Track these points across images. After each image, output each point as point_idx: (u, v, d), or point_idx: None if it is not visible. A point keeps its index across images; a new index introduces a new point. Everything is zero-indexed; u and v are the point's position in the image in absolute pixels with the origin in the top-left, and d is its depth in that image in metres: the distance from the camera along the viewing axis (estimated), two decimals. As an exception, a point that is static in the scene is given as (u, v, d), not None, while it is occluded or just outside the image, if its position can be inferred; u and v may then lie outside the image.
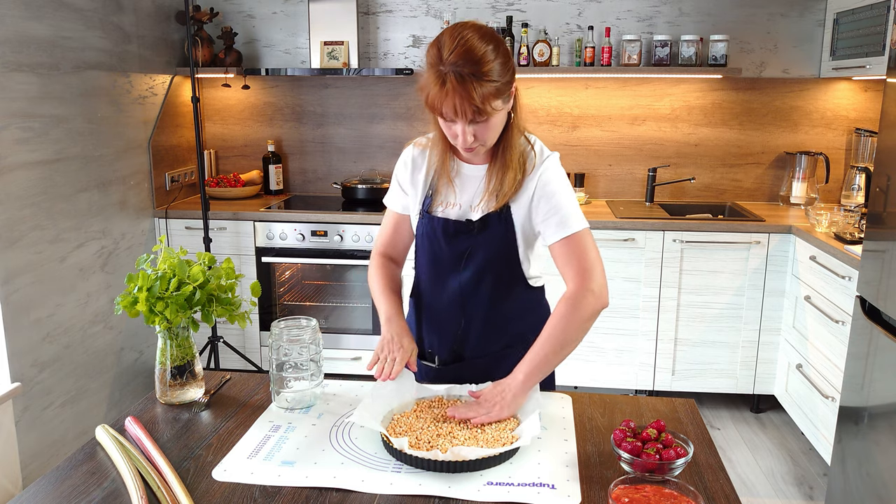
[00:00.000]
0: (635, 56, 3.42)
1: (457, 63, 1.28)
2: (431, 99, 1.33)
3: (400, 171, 1.60)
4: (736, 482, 2.73)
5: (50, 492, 1.15)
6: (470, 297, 1.55)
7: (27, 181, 2.54)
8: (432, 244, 1.55)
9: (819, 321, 2.77)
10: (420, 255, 1.60)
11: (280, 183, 3.84)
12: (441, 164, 1.51)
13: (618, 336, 3.27)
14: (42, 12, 2.60)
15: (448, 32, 1.34)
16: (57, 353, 2.72)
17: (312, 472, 1.20)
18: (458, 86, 1.28)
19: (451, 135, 1.40)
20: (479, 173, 1.51)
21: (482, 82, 1.29)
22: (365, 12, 3.67)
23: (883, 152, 2.19)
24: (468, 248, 1.51)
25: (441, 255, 1.54)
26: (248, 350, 3.51)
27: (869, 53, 2.91)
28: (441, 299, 1.59)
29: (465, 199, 1.51)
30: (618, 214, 3.27)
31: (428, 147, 1.55)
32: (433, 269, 1.58)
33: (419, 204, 1.56)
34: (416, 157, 1.57)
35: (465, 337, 1.58)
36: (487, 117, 1.34)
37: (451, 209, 1.52)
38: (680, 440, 1.20)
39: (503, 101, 1.36)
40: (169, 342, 1.44)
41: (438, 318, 1.61)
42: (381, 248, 1.65)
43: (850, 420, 2.27)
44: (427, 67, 1.34)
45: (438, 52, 1.31)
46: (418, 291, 1.64)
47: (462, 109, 1.31)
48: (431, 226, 1.53)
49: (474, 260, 1.52)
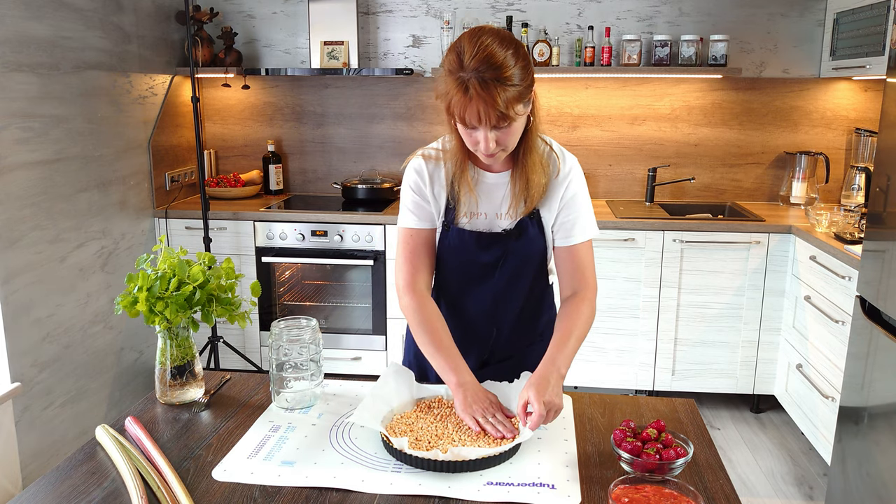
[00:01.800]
0: (635, 56, 3.42)
1: (479, 69, 1.25)
2: (454, 106, 1.29)
3: (417, 184, 1.50)
4: (736, 482, 2.73)
5: (50, 492, 1.15)
6: (502, 305, 1.54)
7: (27, 181, 2.54)
8: (460, 257, 1.51)
9: (819, 321, 2.77)
10: (445, 268, 1.55)
11: (280, 183, 3.84)
12: (461, 173, 1.45)
13: (618, 336, 3.27)
14: (42, 12, 2.60)
15: (466, 38, 1.30)
16: (57, 353, 2.72)
17: (312, 472, 1.20)
18: (483, 91, 1.25)
19: (472, 142, 1.35)
20: (500, 181, 1.48)
21: (505, 87, 1.26)
22: (365, 12, 3.67)
23: (883, 152, 2.19)
24: (502, 255, 1.49)
25: (472, 267, 1.51)
26: (248, 350, 3.51)
27: (869, 53, 2.91)
28: (471, 308, 1.56)
29: (489, 208, 1.49)
30: (618, 214, 3.27)
31: (440, 159, 1.49)
32: (462, 280, 1.54)
33: (441, 216, 1.51)
34: (432, 170, 1.50)
35: (496, 344, 1.58)
36: (510, 122, 1.31)
37: (476, 219, 1.49)
38: (680, 440, 1.20)
39: (525, 104, 1.33)
40: (169, 342, 1.44)
41: (467, 328, 1.57)
42: (407, 281, 1.50)
43: (850, 420, 2.27)
44: (446, 74, 1.30)
45: (458, 58, 1.28)
46: (442, 298, 1.59)
47: (486, 116, 1.28)
48: (461, 238, 1.49)
49: (508, 267, 1.50)
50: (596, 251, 3.16)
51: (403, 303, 1.49)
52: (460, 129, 1.36)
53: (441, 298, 1.59)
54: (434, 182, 1.50)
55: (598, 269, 3.19)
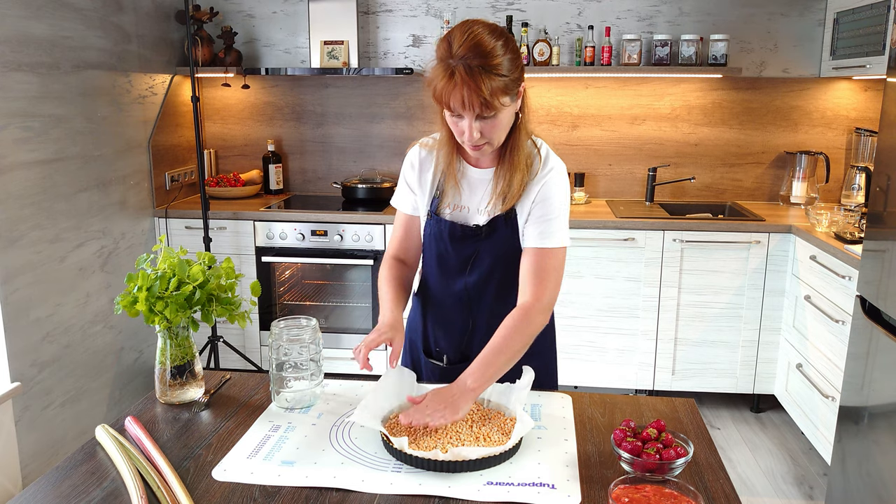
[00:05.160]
0: (635, 56, 3.41)
1: (466, 56, 1.29)
2: (439, 91, 1.32)
3: (407, 171, 1.59)
4: (736, 482, 2.73)
5: (50, 492, 1.15)
6: (476, 300, 1.56)
7: (27, 181, 2.54)
8: (439, 246, 1.55)
9: (819, 321, 2.77)
10: (427, 255, 1.60)
11: (280, 182, 3.84)
12: (447, 165, 1.50)
13: (618, 336, 3.27)
14: (42, 12, 2.60)
15: (458, 27, 1.34)
16: (57, 352, 2.72)
17: (312, 472, 1.20)
18: (467, 77, 1.28)
19: (458, 131, 1.39)
20: (485, 177, 1.51)
21: (491, 76, 1.29)
22: (365, 12, 3.67)
23: (883, 152, 2.19)
24: (474, 251, 1.52)
25: (447, 257, 1.55)
26: (248, 350, 3.51)
27: (869, 53, 2.91)
28: (448, 300, 1.59)
29: (472, 202, 1.52)
30: (618, 214, 3.27)
31: (434, 148, 1.54)
32: (440, 270, 1.58)
33: (427, 205, 1.56)
34: (424, 157, 1.57)
35: (472, 338, 1.59)
36: (495, 113, 1.34)
37: (457, 212, 1.53)
38: (680, 440, 1.20)
39: (511, 98, 1.36)
40: (169, 342, 1.44)
41: (446, 317, 1.61)
42: (392, 250, 1.63)
43: (850, 420, 2.27)
44: (436, 61, 1.34)
45: (448, 45, 1.32)
46: (426, 290, 1.64)
47: (470, 101, 1.30)
48: (438, 228, 1.54)
49: (480, 263, 1.53)
50: (596, 251, 3.17)
51: (383, 264, 1.61)
52: (447, 118, 1.39)
53: (428, 281, 1.63)
54: (424, 170, 1.56)
55: (597, 269, 3.19)
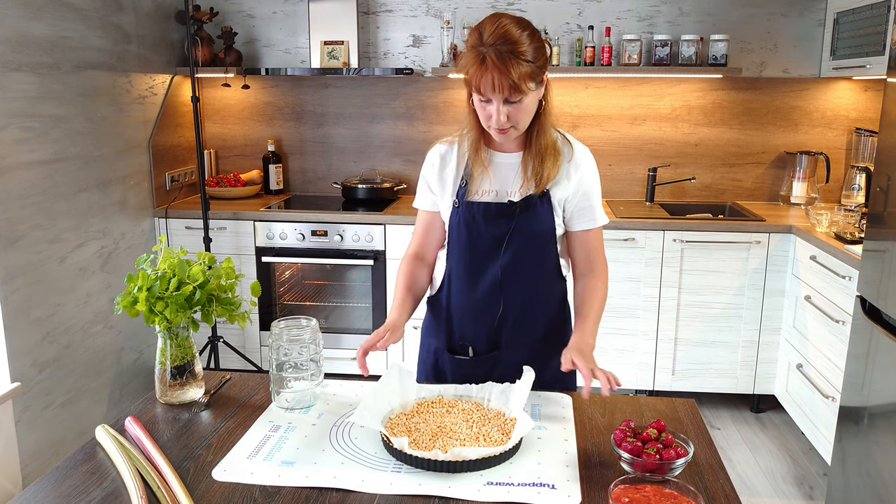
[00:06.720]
0: (635, 56, 3.41)
1: (496, 43, 1.39)
2: (471, 75, 1.42)
3: (427, 170, 1.65)
4: (736, 482, 2.73)
5: (50, 492, 1.15)
6: (508, 282, 1.59)
7: (27, 181, 2.54)
8: (470, 230, 1.58)
9: (819, 321, 2.77)
10: (454, 245, 1.61)
11: (280, 183, 3.84)
12: (474, 151, 1.57)
13: (618, 336, 3.27)
14: (42, 12, 2.60)
15: (487, 20, 1.45)
16: (57, 352, 2.72)
17: (312, 472, 1.20)
18: (498, 62, 1.38)
19: (486, 115, 1.47)
20: (512, 160, 1.58)
21: (520, 61, 1.39)
22: (365, 12, 3.67)
23: (883, 152, 2.19)
24: (508, 230, 1.56)
25: (479, 241, 1.58)
26: (248, 350, 3.51)
27: (869, 53, 2.91)
28: (478, 288, 1.61)
29: (500, 185, 1.57)
30: (618, 214, 3.27)
31: (455, 141, 1.62)
32: (470, 256, 1.60)
33: (452, 195, 1.60)
34: (444, 152, 1.63)
35: (503, 324, 1.61)
36: (521, 97, 1.42)
37: (487, 196, 1.57)
38: (680, 440, 1.20)
39: (536, 84, 1.45)
40: (169, 342, 1.44)
41: (475, 307, 1.62)
42: (412, 248, 1.70)
43: (851, 420, 2.27)
44: (467, 49, 1.44)
45: (479, 34, 1.42)
46: (449, 287, 1.65)
47: (500, 84, 1.39)
48: (470, 212, 1.57)
49: (514, 242, 1.56)
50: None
51: (402, 262, 1.68)
52: (476, 103, 1.48)
53: (452, 275, 1.64)
54: (445, 164, 1.62)
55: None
